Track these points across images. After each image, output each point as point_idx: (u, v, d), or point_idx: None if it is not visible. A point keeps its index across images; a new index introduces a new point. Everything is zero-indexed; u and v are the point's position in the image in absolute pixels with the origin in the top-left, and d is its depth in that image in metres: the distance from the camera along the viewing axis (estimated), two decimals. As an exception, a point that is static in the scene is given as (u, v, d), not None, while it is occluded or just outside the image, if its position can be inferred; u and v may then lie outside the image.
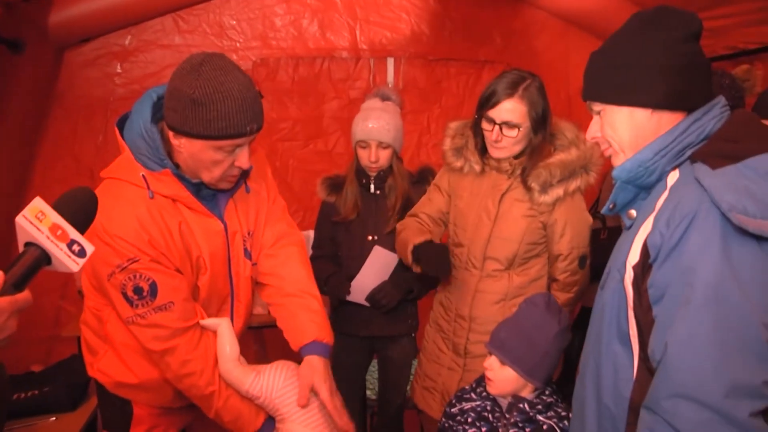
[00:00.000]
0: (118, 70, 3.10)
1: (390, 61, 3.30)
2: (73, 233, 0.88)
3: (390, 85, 3.33)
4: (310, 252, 2.40)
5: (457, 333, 2.08)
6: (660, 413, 1.01)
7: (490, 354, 1.67)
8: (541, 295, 1.71)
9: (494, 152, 1.95)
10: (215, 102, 1.30)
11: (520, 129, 1.88)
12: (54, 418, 2.16)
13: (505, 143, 1.90)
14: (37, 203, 0.87)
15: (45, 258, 0.86)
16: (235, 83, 1.33)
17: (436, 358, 2.17)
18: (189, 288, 1.49)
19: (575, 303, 2.10)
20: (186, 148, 1.39)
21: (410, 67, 3.32)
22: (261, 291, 1.72)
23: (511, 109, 1.87)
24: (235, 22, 3.19)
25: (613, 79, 1.17)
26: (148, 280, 1.39)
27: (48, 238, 0.86)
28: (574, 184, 1.90)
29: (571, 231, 1.95)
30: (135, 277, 1.39)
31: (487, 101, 1.90)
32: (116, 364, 1.58)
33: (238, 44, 3.20)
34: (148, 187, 1.41)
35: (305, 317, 1.60)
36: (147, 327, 1.43)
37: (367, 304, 2.28)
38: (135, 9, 2.93)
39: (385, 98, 2.31)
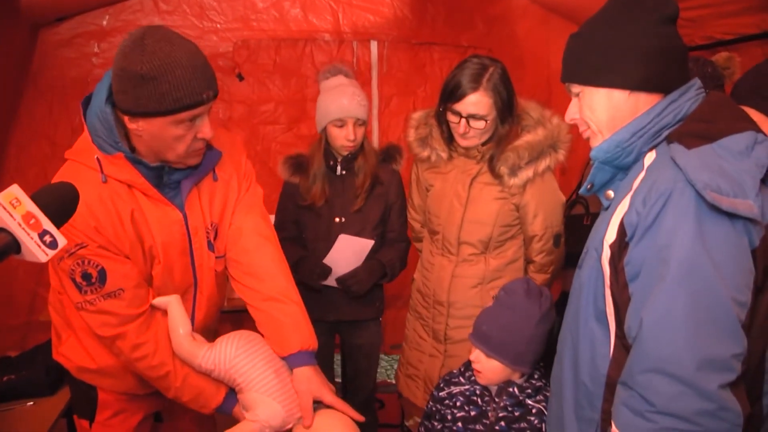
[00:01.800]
0: (96, 50, 3.03)
1: (373, 44, 3.28)
2: (47, 224, 0.87)
3: (374, 69, 3.31)
4: None
5: (436, 319, 2.09)
6: (635, 388, 1.04)
7: (475, 347, 1.66)
8: (519, 282, 1.70)
9: (462, 142, 1.95)
10: (165, 74, 1.24)
11: (487, 120, 1.88)
12: (32, 403, 2.13)
13: (473, 134, 1.91)
14: (14, 190, 0.86)
15: (14, 245, 0.85)
16: (182, 51, 1.27)
17: (417, 345, 2.18)
18: (141, 276, 1.45)
19: (551, 283, 2.12)
20: (145, 129, 1.33)
21: (393, 51, 3.31)
22: (236, 288, 1.64)
23: (476, 102, 1.86)
24: (215, 3, 3.13)
25: (591, 61, 1.18)
26: (96, 266, 1.36)
27: (20, 225, 0.85)
28: (543, 164, 1.90)
29: (543, 211, 1.96)
30: (83, 263, 1.35)
31: (452, 95, 1.88)
32: (77, 348, 1.56)
33: (218, 25, 3.15)
34: (102, 171, 1.36)
35: (289, 324, 1.53)
36: (96, 313, 1.40)
37: (336, 285, 2.24)
38: (113, -13, 2.87)
39: (347, 75, 2.24)
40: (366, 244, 2.23)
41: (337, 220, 2.25)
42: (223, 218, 1.58)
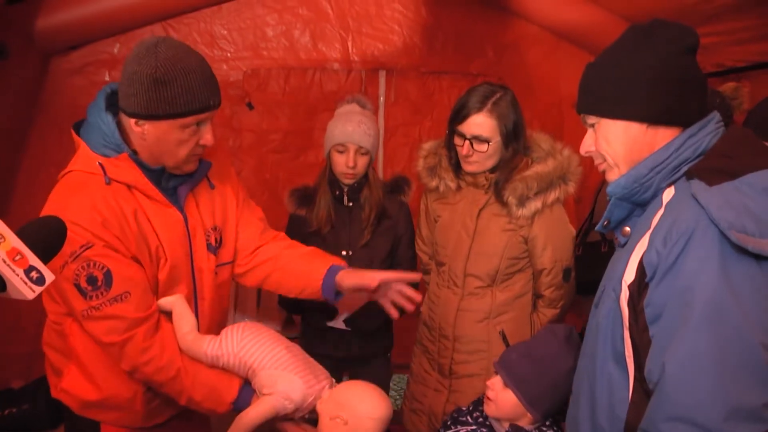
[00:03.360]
0: (107, 78, 3.05)
1: (382, 73, 3.28)
2: (33, 259, 0.84)
3: (381, 98, 3.30)
4: None
5: (441, 353, 2.04)
6: (657, 437, 0.98)
7: (496, 373, 1.61)
8: (563, 327, 1.66)
9: (466, 167, 1.93)
10: (178, 78, 1.32)
11: (490, 143, 1.85)
12: (32, 437, 2.09)
13: (477, 158, 1.88)
14: None
15: None
16: (193, 59, 1.36)
17: (422, 379, 2.13)
18: (147, 281, 1.45)
19: (561, 319, 2.07)
20: (150, 133, 1.38)
21: (402, 80, 3.30)
22: (265, 283, 1.74)
23: (480, 123, 1.85)
24: (226, 32, 3.16)
25: (608, 92, 1.15)
26: (102, 268, 1.35)
27: (4, 262, 0.82)
28: (552, 196, 1.87)
29: (552, 244, 1.92)
30: (88, 265, 1.34)
31: (457, 115, 1.88)
32: (80, 380, 1.52)
33: (228, 54, 3.17)
34: (105, 174, 1.39)
35: (316, 258, 1.72)
36: (102, 319, 1.37)
37: (345, 327, 2.19)
38: (124, 16, 2.89)
39: (362, 105, 2.23)
40: None
41: (344, 253, 2.19)
42: (227, 224, 1.64)
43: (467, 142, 1.86)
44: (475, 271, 1.96)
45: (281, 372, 1.41)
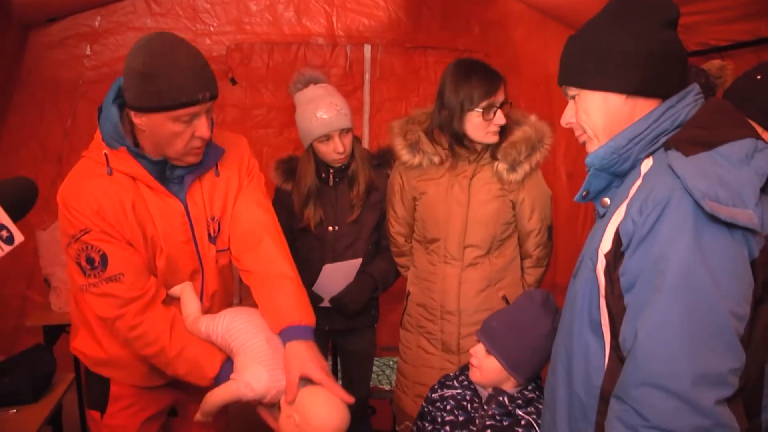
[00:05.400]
0: (88, 52, 3.01)
1: (367, 48, 3.26)
2: (4, 218, 0.84)
3: (367, 73, 3.28)
4: None
5: (445, 330, 2.03)
6: (629, 402, 1.01)
7: (478, 341, 1.64)
8: (539, 291, 1.69)
9: (493, 138, 1.92)
10: (163, 72, 1.36)
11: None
12: (15, 411, 2.07)
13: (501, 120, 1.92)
14: None
15: None
16: (182, 53, 1.39)
17: (424, 362, 2.08)
18: (144, 263, 1.53)
19: (544, 275, 2.11)
20: (147, 125, 1.43)
21: (387, 55, 3.29)
22: (240, 274, 1.73)
23: (502, 90, 1.92)
24: (209, 6, 3.12)
25: (588, 64, 1.15)
26: (98, 251, 1.46)
27: None
28: (535, 158, 1.93)
29: (539, 206, 1.98)
30: (87, 248, 1.45)
31: (487, 92, 1.86)
32: (89, 340, 1.65)
33: (212, 28, 3.13)
34: (108, 164, 1.47)
35: (282, 300, 1.56)
36: (99, 296, 1.49)
37: (329, 305, 2.20)
38: (105, -12, 2.84)
39: (318, 81, 2.15)
40: (354, 264, 2.17)
41: (330, 229, 2.18)
42: (225, 212, 1.66)
43: (499, 110, 1.89)
44: (473, 240, 1.97)
45: (252, 362, 1.47)
